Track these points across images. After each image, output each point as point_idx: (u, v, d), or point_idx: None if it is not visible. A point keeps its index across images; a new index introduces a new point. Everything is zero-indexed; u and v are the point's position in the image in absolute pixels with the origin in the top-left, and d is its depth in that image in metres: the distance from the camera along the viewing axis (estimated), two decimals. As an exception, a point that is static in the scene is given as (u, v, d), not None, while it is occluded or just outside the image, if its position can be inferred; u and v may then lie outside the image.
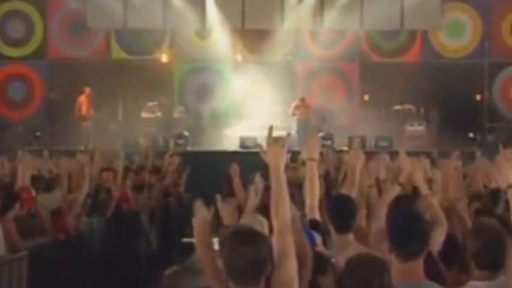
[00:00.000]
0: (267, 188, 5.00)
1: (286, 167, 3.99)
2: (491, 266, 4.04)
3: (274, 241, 3.63)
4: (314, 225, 4.96)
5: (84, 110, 20.22)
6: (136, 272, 11.04)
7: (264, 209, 4.73)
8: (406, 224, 4.03)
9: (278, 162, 3.76)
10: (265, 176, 4.67)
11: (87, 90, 20.33)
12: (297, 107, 20.29)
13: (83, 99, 20.28)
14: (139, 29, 22.11)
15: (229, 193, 16.63)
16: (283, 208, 3.71)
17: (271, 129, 3.91)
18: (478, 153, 11.62)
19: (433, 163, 10.82)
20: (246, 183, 17.02)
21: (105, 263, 10.41)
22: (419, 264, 3.93)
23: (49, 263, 8.48)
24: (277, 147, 3.79)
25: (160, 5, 21.69)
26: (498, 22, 22.14)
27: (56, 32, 22.31)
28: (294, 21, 21.74)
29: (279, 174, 3.75)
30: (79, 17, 21.90)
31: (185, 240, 13.69)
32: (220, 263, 3.63)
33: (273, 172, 3.76)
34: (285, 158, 3.79)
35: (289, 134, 17.85)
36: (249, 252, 3.42)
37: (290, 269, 3.59)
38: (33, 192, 8.57)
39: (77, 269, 9.28)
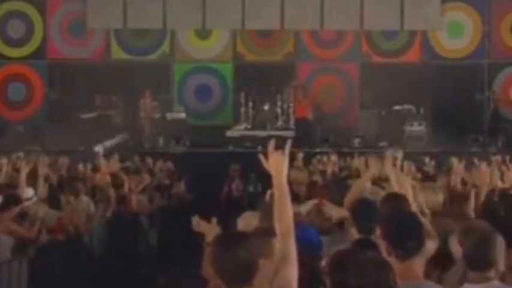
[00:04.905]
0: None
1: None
2: (483, 266, 4.13)
3: (277, 244, 3.72)
4: None
5: (148, 111, 20.20)
6: (136, 272, 11.03)
7: None
8: (404, 222, 4.18)
9: (280, 169, 3.83)
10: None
11: (148, 91, 20.33)
12: (297, 99, 20.20)
13: (144, 101, 20.24)
14: (139, 29, 22.12)
15: (229, 194, 16.68)
16: (287, 213, 3.78)
17: (272, 141, 3.95)
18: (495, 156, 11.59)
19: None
20: (246, 183, 17.08)
21: (105, 263, 10.41)
22: (417, 264, 4.06)
23: (49, 263, 8.48)
24: (278, 154, 3.85)
25: (160, 5, 21.69)
26: (498, 22, 22.14)
27: (56, 32, 22.28)
28: (294, 21, 21.74)
29: (281, 181, 3.82)
30: (79, 17, 21.89)
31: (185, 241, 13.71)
32: None
33: (275, 179, 3.83)
34: (286, 164, 3.85)
35: (288, 140, 17.79)
36: (238, 254, 3.52)
37: (289, 273, 3.63)
38: (33, 193, 8.56)
39: (76, 269, 9.28)
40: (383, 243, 4.11)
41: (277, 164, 3.83)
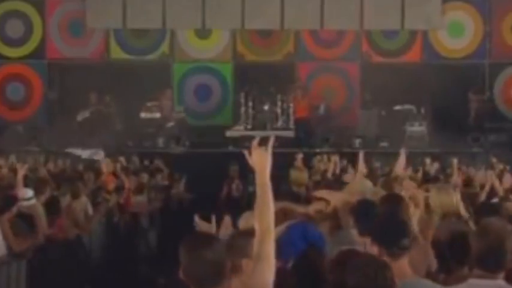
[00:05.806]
0: None
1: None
2: (493, 267, 4.13)
3: (254, 244, 3.63)
4: None
5: (167, 111, 20.16)
6: (135, 273, 11.01)
7: None
8: (396, 221, 4.35)
9: (263, 166, 3.73)
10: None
11: (169, 91, 20.27)
12: (297, 100, 20.19)
13: (165, 103, 20.20)
14: (138, 29, 22.08)
15: (229, 194, 16.66)
16: (268, 212, 3.69)
17: (257, 138, 3.88)
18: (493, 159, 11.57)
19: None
20: (245, 183, 17.07)
21: (104, 264, 10.39)
22: (406, 263, 4.15)
23: (48, 263, 8.44)
24: (261, 151, 3.76)
25: (160, 5, 21.65)
26: (499, 22, 22.10)
27: (55, 32, 22.23)
28: (294, 21, 21.70)
29: (264, 178, 3.73)
30: (78, 16, 21.84)
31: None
32: None
33: (258, 176, 3.74)
34: (269, 161, 3.74)
35: (274, 137, 17.74)
36: (206, 255, 3.46)
37: (264, 273, 3.56)
38: (32, 194, 8.50)
39: (75, 269, 9.24)
40: (373, 247, 4.14)
41: (260, 161, 3.73)
